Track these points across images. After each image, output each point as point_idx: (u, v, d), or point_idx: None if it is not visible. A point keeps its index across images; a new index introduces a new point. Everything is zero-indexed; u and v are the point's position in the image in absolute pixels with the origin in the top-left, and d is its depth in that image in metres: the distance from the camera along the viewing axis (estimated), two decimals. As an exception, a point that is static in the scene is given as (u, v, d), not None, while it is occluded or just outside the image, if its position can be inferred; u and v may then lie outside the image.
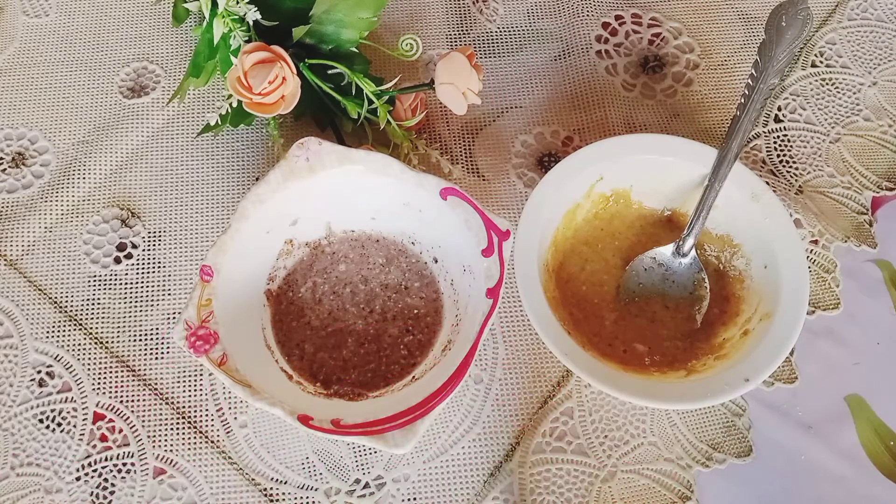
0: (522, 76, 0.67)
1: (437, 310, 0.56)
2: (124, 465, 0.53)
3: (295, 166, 0.53)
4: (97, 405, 0.55)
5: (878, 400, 0.56)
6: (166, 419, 0.54)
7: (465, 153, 0.64)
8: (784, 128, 0.65)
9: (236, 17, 0.57)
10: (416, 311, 0.56)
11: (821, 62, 0.68)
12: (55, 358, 0.56)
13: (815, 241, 0.61)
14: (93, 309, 0.58)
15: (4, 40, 0.67)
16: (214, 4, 0.57)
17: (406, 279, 0.57)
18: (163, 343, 0.57)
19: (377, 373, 0.54)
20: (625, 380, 0.51)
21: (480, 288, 0.51)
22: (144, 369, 0.56)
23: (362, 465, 0.53)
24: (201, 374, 0.56)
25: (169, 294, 0.58)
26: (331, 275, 0.57)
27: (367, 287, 0.56)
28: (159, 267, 0.59)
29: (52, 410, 0.54)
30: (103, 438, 0.54)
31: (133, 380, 0.56)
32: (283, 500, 0.52)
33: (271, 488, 0.53)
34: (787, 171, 0.64)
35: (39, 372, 0.56)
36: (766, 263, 0.54)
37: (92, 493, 0.52)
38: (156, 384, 0.55)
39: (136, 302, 0.58)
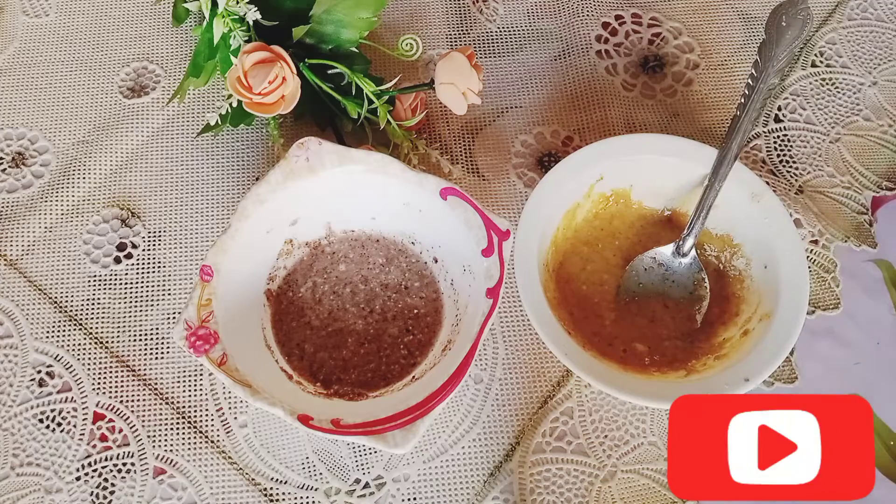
0: (522, 76, 0.67)
1: (437, 310, 0.56)
2: (124, 465, 0.53)
3: (295, 166, 0.53)
4: (97, 405, 0.55)
5: (878, 400, 0.56)
6: (166, 419, 0.54)
7: (465, 153, 0.64)
8: (784, 128, 0.65)
9: (236, 17, 0.57)
10: (416, 311, 0.56)
11: (821, 62, 0.68)
12: (55, 358, 0.56)
13: (815, 241, 0.61)
14: (93, 309, 0.58)
15: (4, 40, 0.67)
16: (214, 4, 0.57)
17: (406, 279, 0.57)
18: (163, 343, 0.57)
19: (377, 373, 0.54)
20: (625, 380, 0.51)
21: (480, 288, 0.51)
22: (144, 369, 0.56)
23: (362, 465, 0.53)
24: (201, 374, 0.56)
25: (169, 294, 0.58)
26: (331, 275, 0.57)
27: (367, 287, 0.56)
28: (159, 267, 0.59)
29: (52, 410, 0.54)
30: (103, 438, 0.54)
31: (133, 380, 0.56)
32: (283, 500, 0.52)
33: (271, 488, 0.53)
34: (787, 171, 0.64)
35: (39, 372, 0.56)
36: (766, 263, 0.54)
37: (92, 493, 0.52)
38: (156, 384, 0.55)
39: (136, 302, 0.58)
